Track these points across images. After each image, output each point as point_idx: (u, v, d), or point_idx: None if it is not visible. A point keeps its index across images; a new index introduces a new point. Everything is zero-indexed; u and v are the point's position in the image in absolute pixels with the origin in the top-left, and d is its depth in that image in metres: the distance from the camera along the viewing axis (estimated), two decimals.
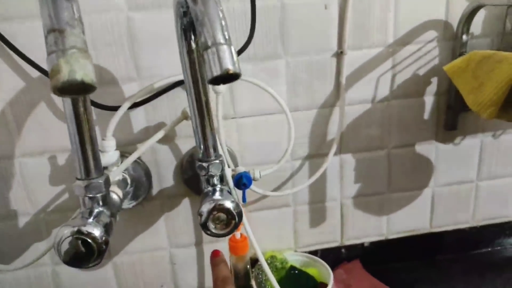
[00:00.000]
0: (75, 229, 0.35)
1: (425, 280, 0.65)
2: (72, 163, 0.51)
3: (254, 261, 0.61)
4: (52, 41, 0.23)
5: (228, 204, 0.41)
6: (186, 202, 0.56)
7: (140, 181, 0.51)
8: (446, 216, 0.68)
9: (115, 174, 0.45)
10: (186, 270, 0.59)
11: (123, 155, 0.50)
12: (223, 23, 0.28)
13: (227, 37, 0.28)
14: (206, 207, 0.41)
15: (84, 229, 0.35)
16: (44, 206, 0.53)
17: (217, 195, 0.42)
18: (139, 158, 0.51)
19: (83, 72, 0.23)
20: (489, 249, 0.71)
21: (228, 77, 0.28)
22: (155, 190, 0.54)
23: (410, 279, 0.65)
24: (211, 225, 0.41)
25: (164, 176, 0.54)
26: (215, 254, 0.47)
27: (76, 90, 0.23)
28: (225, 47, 0.28)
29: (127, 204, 0.52)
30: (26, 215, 0.53)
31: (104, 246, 0.36)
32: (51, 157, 0.50)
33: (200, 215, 0.41)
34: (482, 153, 0.65)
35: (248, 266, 0.59)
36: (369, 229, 0.66)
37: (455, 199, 0.67)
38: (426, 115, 0.61)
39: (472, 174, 0.66)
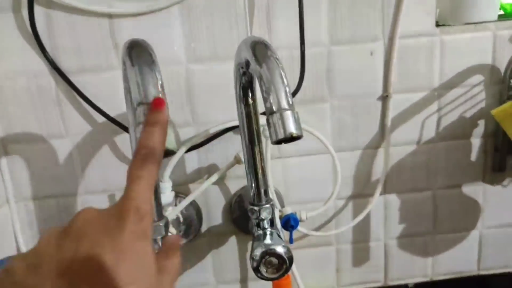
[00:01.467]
0: None
1: None
2: None
3: None
4: (141, 113, 0.26)
5: (280, 250, 0.42)
6: (233, 240, 0.58)
7: (191, 220, 0.54)
8: (495, 258, 0.66)
9: (172, 214, 0.48)
10: None
11: (177, 195, 0.52)
12: (287, 90, 0.31)
13: (290, 102, 0.30)
14: (258, 252, 0.42)
15: None
16: None
17: (268, 240, 0.43)
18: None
19: (168, 141, 0.26)
20: None
21: (291, 139, 0.30)
22: (203, 228, 0.57)
23: None
24: (263, 269, 0.42)
25: (213, 215, 0.56)
26: (156, 105, 0.27)
27: None
28: (289, 113, 0.30)
29: None
30: None
31: None
32: (111, 195, 0.54)
33: (253, 259, 0.42)
34: None
35: None
36: (413, 270, 0.65)
37: (504, 241, 0.65)
38: (473, 157, 0.61)
39: None
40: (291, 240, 0.53)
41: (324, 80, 0.55)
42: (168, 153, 0.26)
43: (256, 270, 0.42)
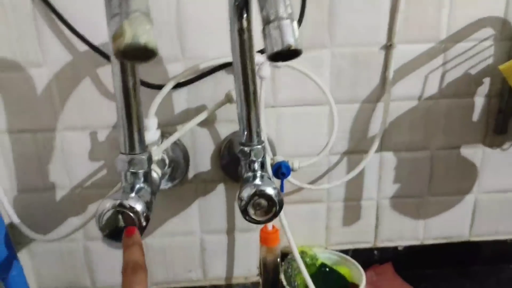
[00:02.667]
0: (117, 202, 0.35)
1: None
2: (113, 140, 0.51)
3: (284, 255, 0.60)
4: (116, 3, 0.23)
5: (270, 191, 0.40)
6: (221, 188, 0.55)
7: (178, 163, 0.51)
8: (487, 225, 0.65)
9: (156, 153, 0.45)
10: (216, 257, 0.59)
11: (163, 135, 0.49)
12: None
13: (290, 11, 0.27)
14: (247, 192, 0.40)
15: (126, 202, 0.35)
16: (81, 181, 0.53)
17: (258, 181, 0.41)
18: (178, 139, 0.51)
19: (146, 36, 0.23)
20: None
21: (289, 54, 0.27)
22: (191, 174, 0.54)
23: (442, 286, 0.62)
24: (251, 211, 0.40)
25: (201, 160, 0.53)
26: (129, 233, 0.35)
27: (138, 55, 0.23)
28: (287, 21, 0.27)
29: (163, 185, 0.51)
30: (63, 189, 0.53)
31: (145, 222, 0.36)
32: (92, 132, 0.51)
33: (241, 199, 0.40)
34: None
35: (278, 259, 0.58)
36: (404, 232, 0.64)
37: (498, 207, 0.64)
38: (475, 117, 0.58)
39: None
40: (282, 189, 0.50)
41: (325, 24, 0.52)
42: (150, 54, 0.23)
43: (244, 211, 0.40)
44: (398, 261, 0.65)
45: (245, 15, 0.36)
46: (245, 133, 0.42)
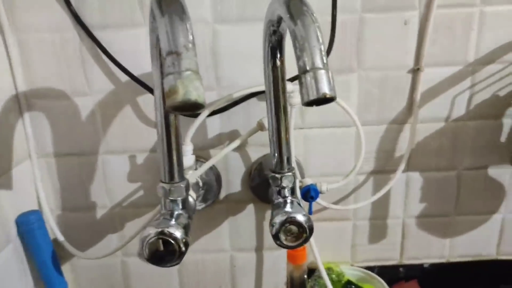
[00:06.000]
0: (159, 230, 0.38)
1: None
2: (150, 163, 0.54)
3: (310, 271, 0.62)
4: (170, 62, 0.25)
5: (300, 218, 0.41)
6: (250, 208, 0.57)
7: (211, 185, 0.53)
8: None
9: (192, 178, 0.47)
10: (245, 273, 0.61)
11: (197, 159, 0.52)
12: (322, 48, 0.29)
13: (325, 61, 0.29)
14: (278, 219, 0.42)
15: (167, 230, 0.38)
16: (120, 201, 0.56)
17: (288, 208, 0.43)
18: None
19: (196, 93, 0.25)
20: None
21: (324, 100, 0.29)
22: (222, 194, 0.56)
23: None
24: (282, 237, 0.42)
25: (233, 181, 0.56)
26: None
27: (188, 108, 0.25)
28: (323, 72, 0.28)
29: (197, 207, 0.54)
30: (103, 208, 0.57)
31: (184, 248, 0.38)
32: (131, 156, 0.54)
33: (272, 226, 0.42)
34: None
35: (304, 276, 0.60)
36: (430, 250, 0.64)
37: None
38: (502, 138, 0.59)
39: None
40: (310, 211, 0.52)
41: (354, 49, 0.53)
42: (198, 107, 0.25)
43: (276, 237, 0.42)
44: (424, 278, 0.65)
45: (278, 55, 0.38)
46: (276, 160, 0.44)
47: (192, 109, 0.25)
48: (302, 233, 0.42)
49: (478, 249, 0.65)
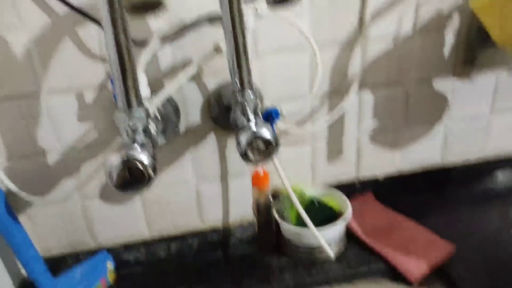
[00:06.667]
0: (125, 156, 0.36)
1: (435, 209, 0.69)
2: (101, 101, 0.51)
3: (274, 196, 0.64)
4: None
5: (266, 133, 0.42)
6: (212, 137, 0.57)
7: (170, 118, 0.52)
8: (457, 150, 0.71)
9: (151, 108, 0.45)
10: (212, 203, 0.62)
11: (152, 92, 0.49)
12: None
13: None
14: (244, 137, 0.42)
15: (133, 155, 0.36)
16: (72, 143, 0.53)
17: (253, 126, 0.43)
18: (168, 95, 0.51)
19: None
20: (495, 182, 0.75)
21: None
22: (182, 127, 0.55)
23: (420, 208, 0.68)
24: (250, 154, 0.42)
25: (192, 113, 0.54)
26: None
27: (148, 6, 0.23)
28: None
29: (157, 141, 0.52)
30: (54, 152, 0.53)
31: (153, 173, 0.37)
32: (78, 94, 0.50)
33: (239, 144, 0.42)
34: (497, 88, 0.66)
35: (270, 199, 0.62)
36: (383, 163, 0.69)
37: (467, 133, 0.69)
38: (445, 51, 0.62)
39: (485, 109, 0.68)
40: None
41: None
42: (157, 4, 0.24)
43: (244, 155, 0.42)
44: (378, 190, 0.70)
45: None
46: (237, 82, 0.43)
47: (152, 6, 0.23)
48: (269, 147, 0.42)
49: (425, 158, 0.70)
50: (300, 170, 0.66)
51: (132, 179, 0.37)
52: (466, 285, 0.53)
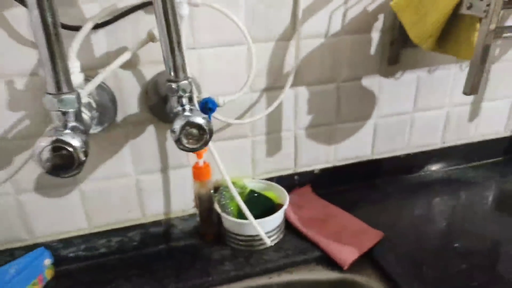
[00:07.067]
0: (54, 138, 0.36)
1: (366, 199, 0.74)
2: (33, 89, 0.50)
3: (215, 189, 0.65)
4: None
5: (200, 120, 0.43)
6: (151, 129, 0.57)
7: (106, 107, 0.52)
8: (386, 144, 0.76)
9: (83, 95, 0.45)
10: (153, 195, 0.62)
11: (87, 80, 0.49)
12: None
13: None
14: (178, 124, 0.43)
15: (62, 138, 0.36)
16: (3, 133, 0.51)
17: (188, 113, 0.44)
18: (103, 83, 0.51)
19: None
20: (420, 173, 0.82)
21: None
22: (119, 117, 0.55)
23: (353, 199, 0.73)
24: (184, 141, 0.44)
25: (129, 102, 0.55)
26: None
27: None
28: None
29: (93, 130, 0.52)
30: None
31: (83, 157, 0.38)
32: (8, 81, 0.49)
33: (173, 131, 0.43)
34: (419, 87, 0.73)
35: (211, 191, 0.63)
36: (319, 157, 0.73)
37: (394, 129, 0.75)
38: (372, 51, 0.67)
39: (409, 106, 0.74)
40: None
41: None
42: None
43: (178, 141, 0.43)
44: (316, 182, 0.74)
45: None
46: (171, 70, 0.44)
47: None
48: (203, 135, 0.44)
49: (357, 152, 0.75)
50: (241, 164, 0.68)
51: (62, 162, 0.37)
52: (394, 269, 0.57)
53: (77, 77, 0.46)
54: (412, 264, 0.58)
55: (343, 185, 0.76)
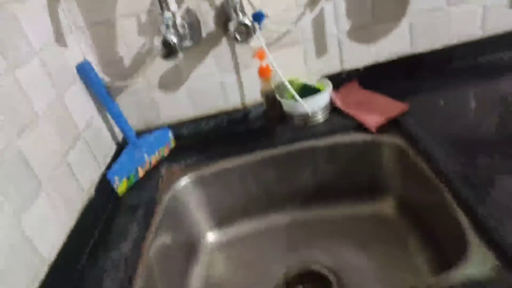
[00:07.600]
0: (164, 37, 0.64)
1: (406, 90, 0.86)
2: (149, 19, 0.79)
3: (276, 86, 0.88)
4: None
5: (246, 20, 0.67)
6: (224, 41, 0.83)
7: (193, 25, 0.79)
8: (424, 39, 0.88)
9: (177, 14, 0.72)
10: (233, 91, 0.89)
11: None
12: None
13: None
14: (232, 26, 0.68)
15: (168, 36, 0.65)
16: (139, 48, 0.83)
17: (240, 17, 0.68)
18: (189, 8, 0.78)
19: None
20: (457, 64, 0.91)
21: None
22: (204, 33, 0.82)
23: (395, 91, 0.86)
24: (237, 36, 0.68)
25: (208, 22, 0.81)
26: None
27: None
28: None
29: (187, 43, 0.80)
30: None
31: (179, 50, 0.65)
32: (137, 16, 0.79)
33: (229, 30, 0.68)
34: None
35: (272, 86, 0.87)
36: (362, 56, 0.89)
37: (430, 24, 0.86)
38: None
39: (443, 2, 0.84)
40: (260, 28, 0.77)
41: None
42: None
43: (234, 37, 0.68)
44: (361, 78, 0.91)
45: None
46: None
47: None
48: (250, 30, 0.68)
49: (397, 49, 0.89)
50: (295, 67, 0.89)
51: (167, 50, 0.65)
52: (415, 129, 0.73)
53: (172, 5, 0.73)
54: (432, 129, 0.71)
55: (386, 80, 0.90)
